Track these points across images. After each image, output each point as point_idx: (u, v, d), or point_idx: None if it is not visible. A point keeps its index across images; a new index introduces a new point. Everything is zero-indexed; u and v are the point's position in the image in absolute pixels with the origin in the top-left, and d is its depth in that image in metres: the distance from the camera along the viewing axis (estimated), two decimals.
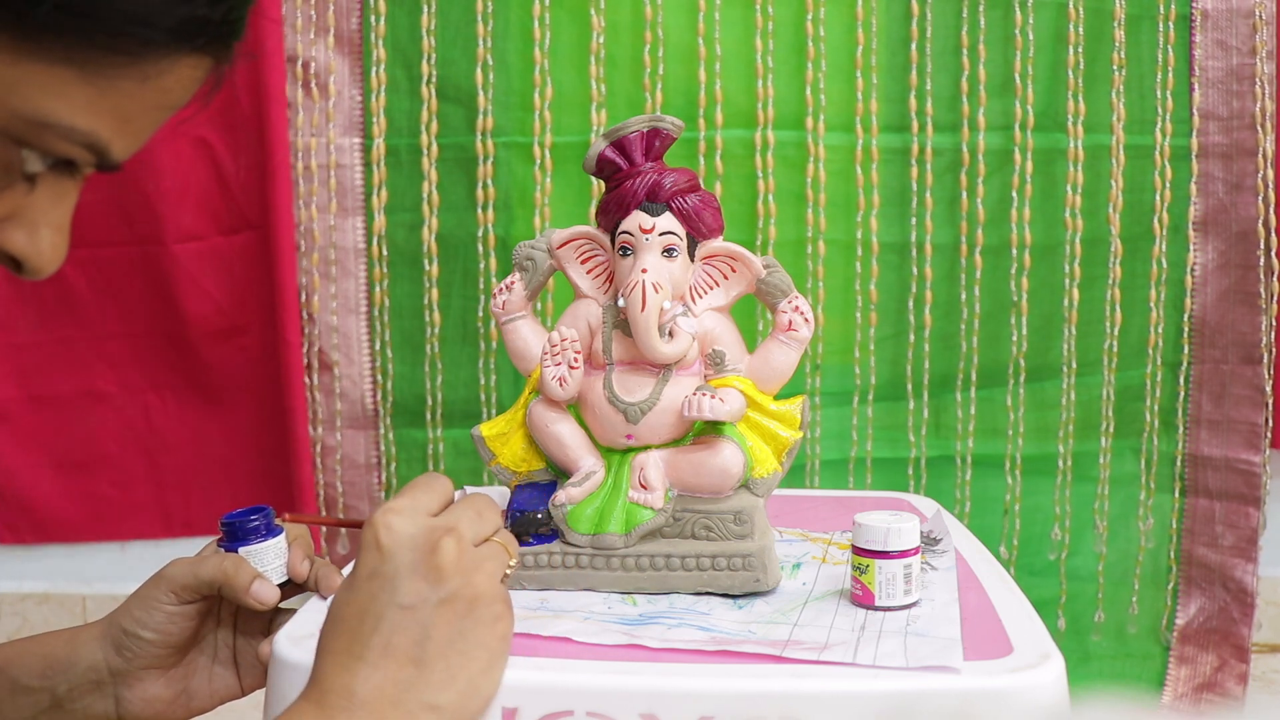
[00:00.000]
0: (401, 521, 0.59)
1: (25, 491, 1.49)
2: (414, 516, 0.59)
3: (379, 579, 0.57)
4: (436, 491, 0.62)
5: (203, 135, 1.39)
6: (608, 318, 0.79)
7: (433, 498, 0.62)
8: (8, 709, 0.73)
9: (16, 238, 0.46)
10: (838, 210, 1.38)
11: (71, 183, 0.47)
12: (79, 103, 0.43)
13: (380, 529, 0.58)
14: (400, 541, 0.58)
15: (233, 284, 1.42)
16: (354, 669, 0.56)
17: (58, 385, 1.46)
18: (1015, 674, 0.62)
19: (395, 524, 0.58)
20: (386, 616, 0.57)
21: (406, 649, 0.56)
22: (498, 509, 0.64)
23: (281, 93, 1.35)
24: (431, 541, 0.58)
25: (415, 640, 0.57)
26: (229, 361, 1.44)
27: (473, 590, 0.58)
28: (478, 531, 0.61)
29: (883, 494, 1.13)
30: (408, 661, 0.56)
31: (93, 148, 0.44)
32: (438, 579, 0.57)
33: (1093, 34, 1.36)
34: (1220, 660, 1.45)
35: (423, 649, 0.57)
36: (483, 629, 0.59)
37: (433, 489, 0.62)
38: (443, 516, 0.60)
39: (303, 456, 1.41)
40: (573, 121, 1.37)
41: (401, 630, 0.57)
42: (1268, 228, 1.37)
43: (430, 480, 0.63)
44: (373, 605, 0.57)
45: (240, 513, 0.76)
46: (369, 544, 0.59)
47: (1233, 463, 1.43)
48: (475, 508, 0.62)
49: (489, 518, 0.63)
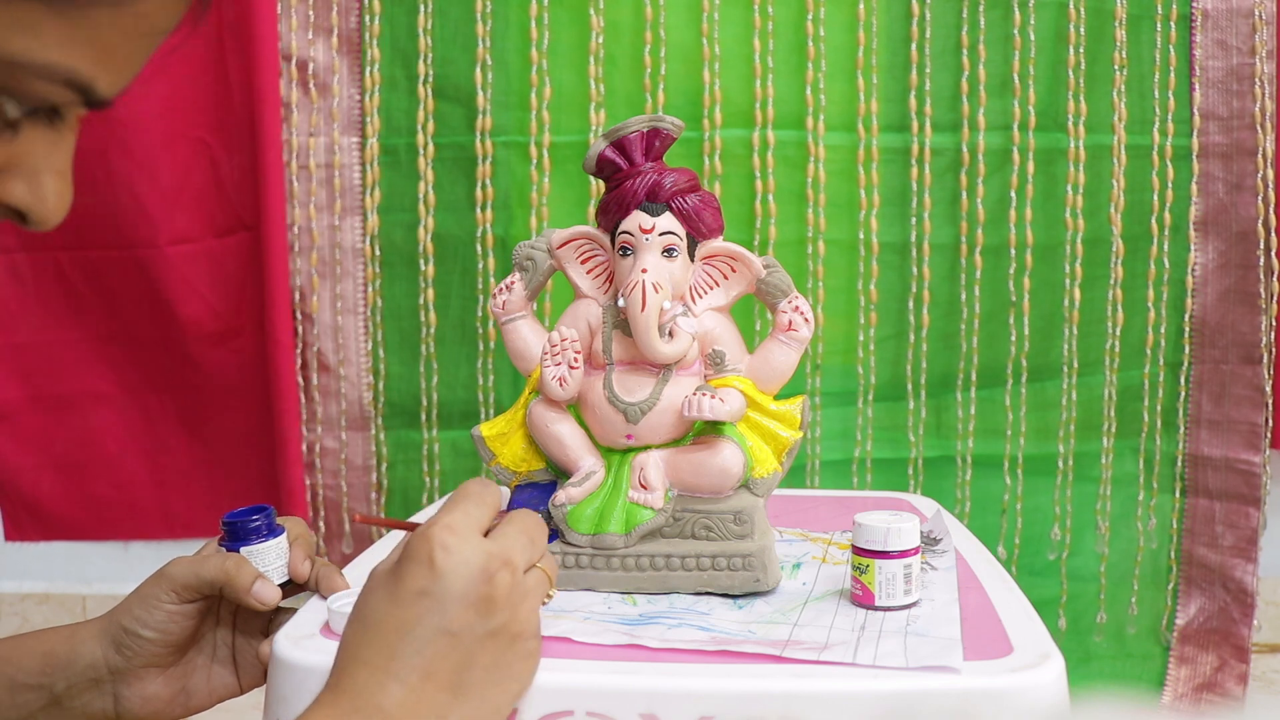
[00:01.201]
0: (458, 544, 0.57)
1: (26, 490, 1.49)
2: (470, 538, 0.58)
3: (428, 600, 0.56)
4: (488, 504, 0.61)
5: (201, 136, 1.39)
6: (608, 318, 0.79)
7: (485, 511, 0.61)
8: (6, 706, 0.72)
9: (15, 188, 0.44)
10: (838, 210, 1.38)
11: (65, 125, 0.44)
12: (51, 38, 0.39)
13: (437, 548, 0.57)
14: (455, 567, 0.57)
15: (227, 285, 1.41)
16: (388, 687, 0.55)
17: (58, 386, 1.46)
18: (1015, 674, 0.62)
19: (452, 545, 0.57)
20: (431, 641, 0.56)
21: (446, 676, 0.56)
22: (545, 530, 0.64)
23: (275, 92, 1.35)
24: (488, 572, 0.57)
25: (455, 668, 0.56)
26: (225, 363, 1.44)
27: (518, 625, 0.58)
28: (529, 557, 0.60)
29: (883, 494, 1.13)
30: (445, 688, 0.56)
31: (74, 85, 0.41)
32: (488, 611, 0.57)
33: (1093, 34, 1.36)
34: (1220, 660, 1.45)
35: (461, 677, 0.56)
36: (519, 662, 0.59)
37: (485, 501, 0.61)
38: (497, 541, 0.59)
39: (293, 458, 1.40)
40: (572, 121, 1.37)
41: (444, 656, 0.56)
42: (1268, 228, 1.37)
43: (482, 491, 0.62)
44: (418, 626, 0.56)
45: (242, 512, 0.76)
46: (421, 559, 0.57)
47: (1233, 463, 1.43)
48: (527, 532, 0.61)
49: (538, 542, 0.62)
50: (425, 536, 0.58)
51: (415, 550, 0.58)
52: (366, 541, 1.44)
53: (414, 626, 0.56)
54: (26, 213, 0.45)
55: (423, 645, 0.56)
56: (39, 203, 0.44)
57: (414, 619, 0.56)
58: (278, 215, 1.36)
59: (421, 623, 0.56)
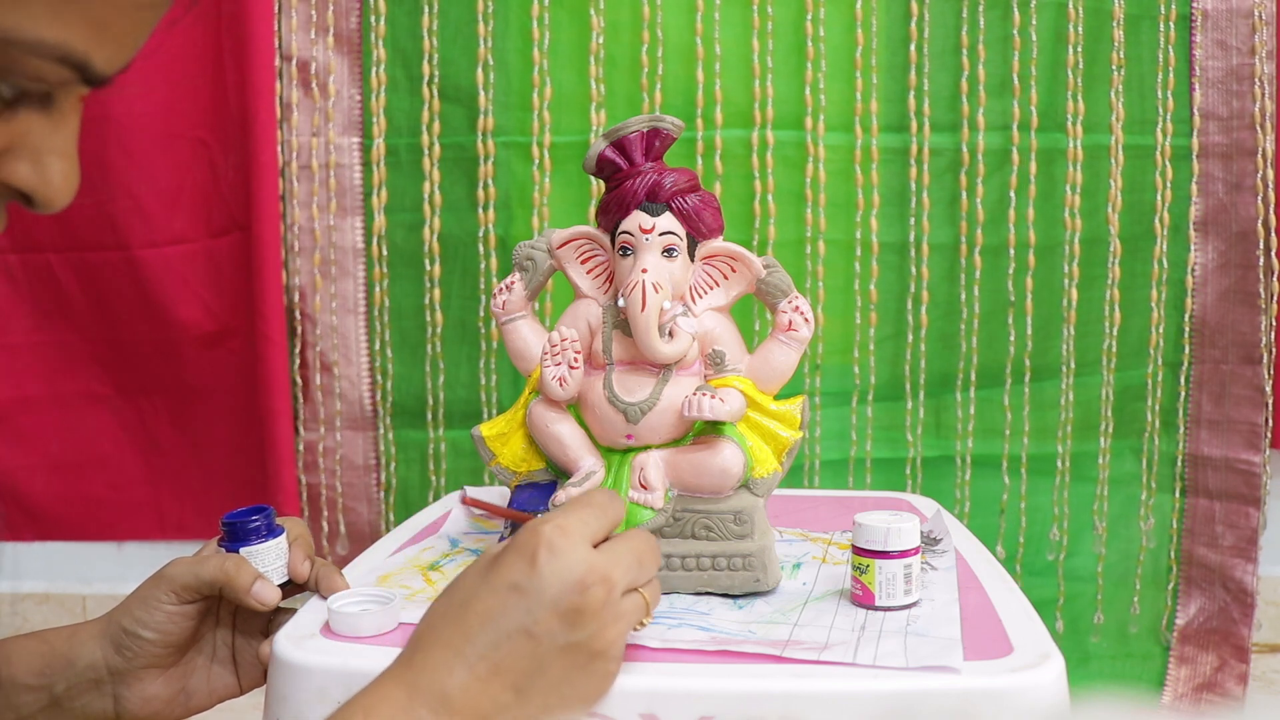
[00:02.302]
0: (566, 547, 0.57)
1: (21, 491, 1.49)
2: (578, 545, 0.57)
3: (519, 595, 0.56)
4: (610, 517, 0.60)
5: (200, 136, 1.39)
6: (608, 318, 0.79)
7: (603, 524, 0.60)
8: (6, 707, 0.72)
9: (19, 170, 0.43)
10: (837, 210, 1.38)
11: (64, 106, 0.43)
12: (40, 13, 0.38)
13: (543, 545, 0.56)
14: (556, 569, 0.56)
15: (223, 286, 1.41)
16: (457, 672, 0.54)
17: (54, 386, 1.46)
18: (1015, 674, 0.62)
19: (559, 547, 0.56)
20: (511, 637, 0.55)
21: (515, 675, 0.55)
22: (659, 553, 0.62)
23: (270, 91, 1.35)
24: (584, 583, 0.56)
25: (527, 671, 0.55)
26: (221, 364, 1.44)
27: (601, 644, 0.57)
28: (633, 579, 0.59)
29: (883, 494, 1.13)
30: (510, 687, 0.55)
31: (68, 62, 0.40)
32: (575, 623, 0.56)
33: (1092, 34, 1.36)
34: (1220, 660, 1.45)
35: (530, 681, 0.55)
36: (590, 682, 0.58)
37: (607, 513, 0.60)
38: (605, 554, 0.58)
39: (285, 458, 1.40)
40: (572, 121, 1.37)
41: (518, 656, 0.55)
42: (1268, 228, 1.37)
43: (607, 502, 0.61)
44: (501, 618, 0.55)
45: (241, 512, 0.76)
46: (524, 553, 0.56)
47: (1233, 463, 1.43)
48: (637, 553, 0.60)
49: (648, 565, 0.61)
50: (535, 531, 0.57)
51: (522, 542, 0.57)
52: (366, 541, 1.44)
53: (498, 618, 0.55)
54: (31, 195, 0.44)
55: (501, 639, 0.55)
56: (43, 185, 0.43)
57: (499, 610, 0.55)
58: (271, 214, 1.36)
59: (506, 616, 0.55)
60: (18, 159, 0.43)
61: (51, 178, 0.43)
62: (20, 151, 0.43)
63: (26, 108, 0.41)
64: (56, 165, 0.43)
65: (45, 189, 0.43)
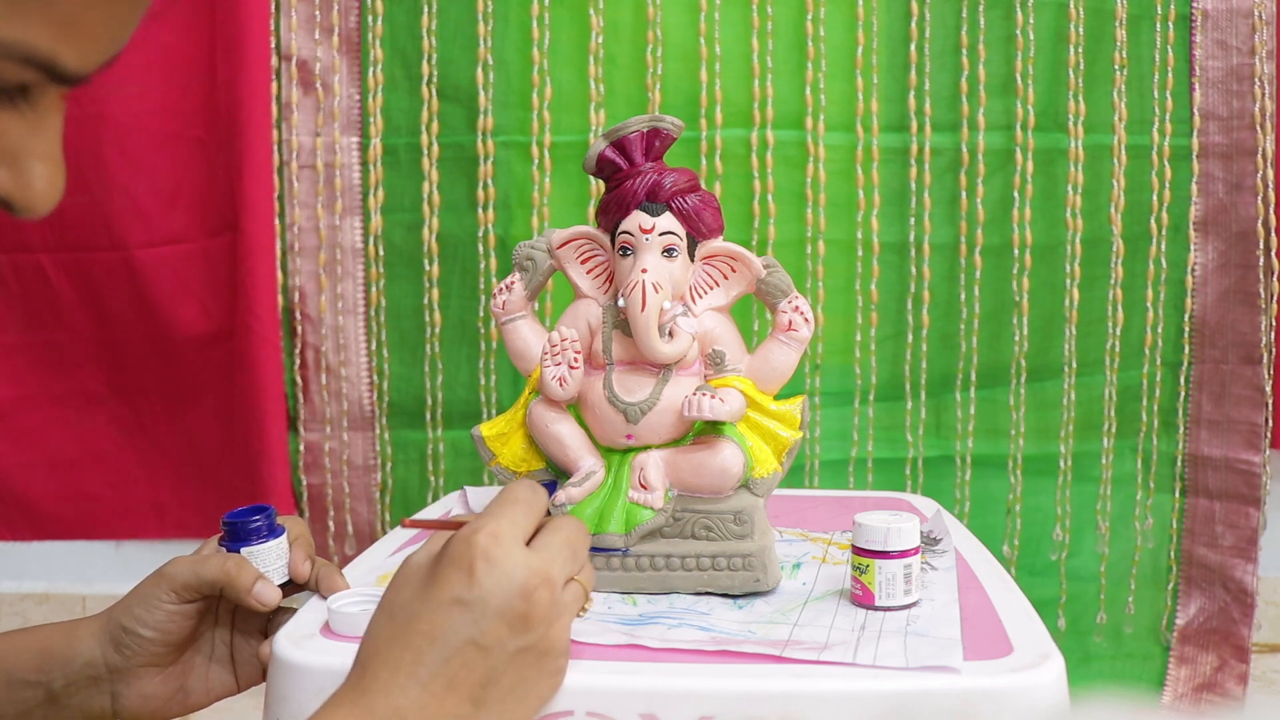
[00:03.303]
0: (502, 556, 0.56)
1: (21, 490, 1.49)
2: (513, 550, 0.57)
3: (463, 609, 0.55)
4: (535, 511, 0.60)
5: (198, 136, 1.39)
6: (608, 318, 0.79)
7: (531, 520, 0.59)
8: (3, 702, 0.72)
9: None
10: (838, 210, 1.38)
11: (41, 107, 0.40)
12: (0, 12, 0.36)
13: (479, 557, 0.56)
14: (497, 579, 0.55)
15: (219, 286, 1.41)
16: (410, 692, 0.54)
17: (50, 386, 1.46)
18: (1015, 674, 0.62)
19: (495, 557, 0.56)
20: (460, 651, 0.55)
21: (470, 688, 0.55)
22: (588, 536, 0.62)
23: (265, 90, 1.35)
24: (527, 589, 0.56)
25: (480, 681, 0.55)
26: (217, 363, 1.44)
27: (549, 643, 0.57)
28: (569, 572, 0.59)
29: (883, 494, 1.13)
30: (467, 699, 0.55)
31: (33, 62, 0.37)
32: (523, 629, 0.56)
33: (1093, 34, 1.36)
34: (1220, 660, 1.45)
35: (485, 692, 0.55)
36: (544, 681, 0.58)
37: (532, 508, 0.60)
38: (540, 555, 0.58)
39: (277, 459, 1.40)
40: (572, 121, 1.37)
41: (470, 668, 0.55)
42: (1268, 228, 1.37)
43: (530, 496, 0.60)
44: (449, 634, 0.55)
45: (242, 512, 0.76)
46: (461, 565, 0.56)
47: (1233, 463, 1.43)
48: (570, 544, 0.60)
49: (581, 552, 0.61)
50: (469, 542, 0.56)
51: (457, 555, 0.56)
52: (367, 541, 1.44)
53: (445, 634, 0.55)
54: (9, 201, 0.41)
55: (451, 654, 0.55)
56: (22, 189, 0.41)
57: (446, 627, 0.55)
58: (265, 214, 1.35)
59: (453, 632, 0.55)
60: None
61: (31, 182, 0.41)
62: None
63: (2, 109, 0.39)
64: (37, 169, 0.41)
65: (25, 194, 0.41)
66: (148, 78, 1.35)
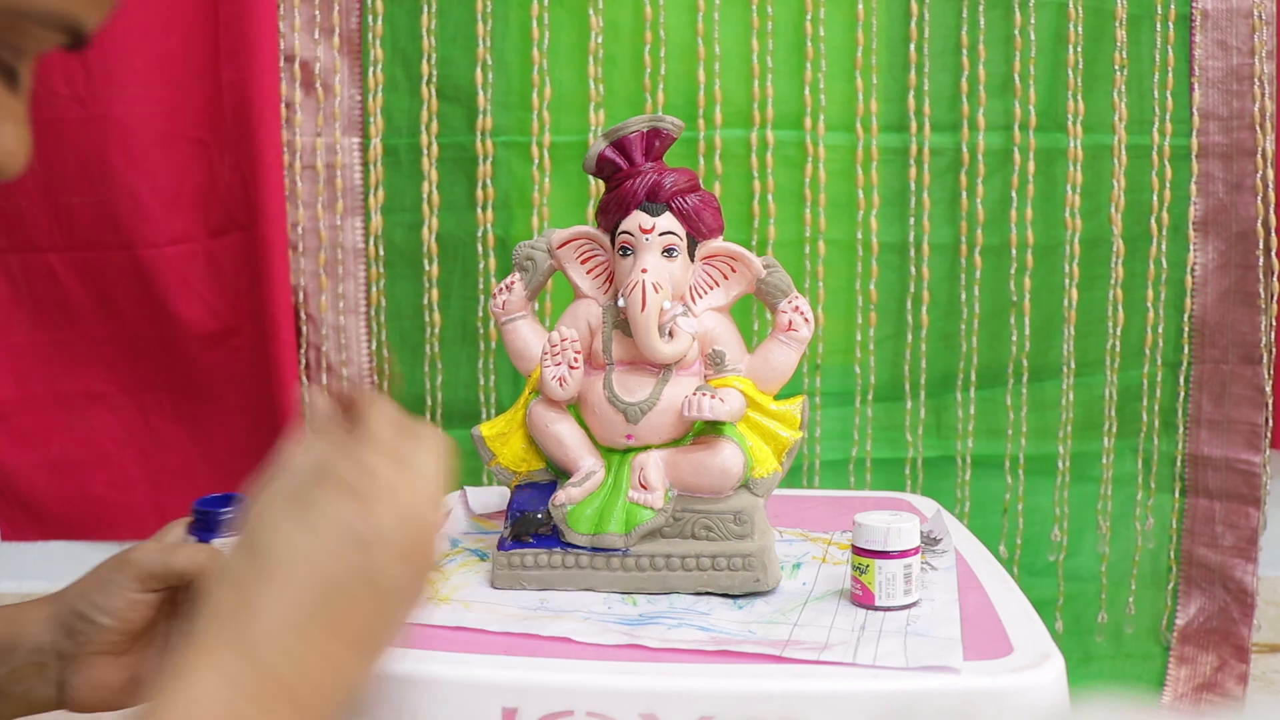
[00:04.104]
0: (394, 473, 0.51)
1: (22, 491, 1.49)
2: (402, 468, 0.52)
3: (362, 552, 0.49)
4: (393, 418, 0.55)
5: (200, 136, 1.39)
6: (608, 318, 0.79)
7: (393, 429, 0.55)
8: None
9: None
10: (838, 210, 1.38)
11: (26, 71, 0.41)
12: None
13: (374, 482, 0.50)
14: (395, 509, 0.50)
15: (224, 285, 1.41)
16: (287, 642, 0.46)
17: (54, 386, 1.46)
18: (1015, 674, 0.62)
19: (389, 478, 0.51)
20: (351, 591, 0.48)
21: (357, 631, 0.48)
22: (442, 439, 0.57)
23: (274, 91, 1.35)
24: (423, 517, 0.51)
25: (370, 627, 0.49)
26: (223, 363, 1.44)
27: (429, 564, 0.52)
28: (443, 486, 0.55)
29: (883, 494, 1.13)
30: (352, 644, 0.48)
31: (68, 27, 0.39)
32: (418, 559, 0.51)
33: (1093, 34, 1.36)
34: (1220, 660, 1.45)
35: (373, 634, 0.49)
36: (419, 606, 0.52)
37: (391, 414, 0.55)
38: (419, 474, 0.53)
39: None
40: (572, 121, 1.37)
41: (361, 609, 0.48)
42: (1268, 228, 1.37)
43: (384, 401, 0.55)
44: (344, 579, 0.48)
45: (215, 500, 0.73)
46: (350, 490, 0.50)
47: (1233, 463, 1.43)
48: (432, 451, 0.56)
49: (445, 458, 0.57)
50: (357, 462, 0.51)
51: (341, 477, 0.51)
52: None
53: (338, 578, 0.48)
54: None
55: (338, 594, 0.48)
56: None
57: (340, 568, 0.48)
58: (277, 214, 1.36)
59: (350, 575, 0.48)
60: None
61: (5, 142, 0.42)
62: None
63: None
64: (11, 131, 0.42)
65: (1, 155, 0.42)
66: (149, 79, 1.36)
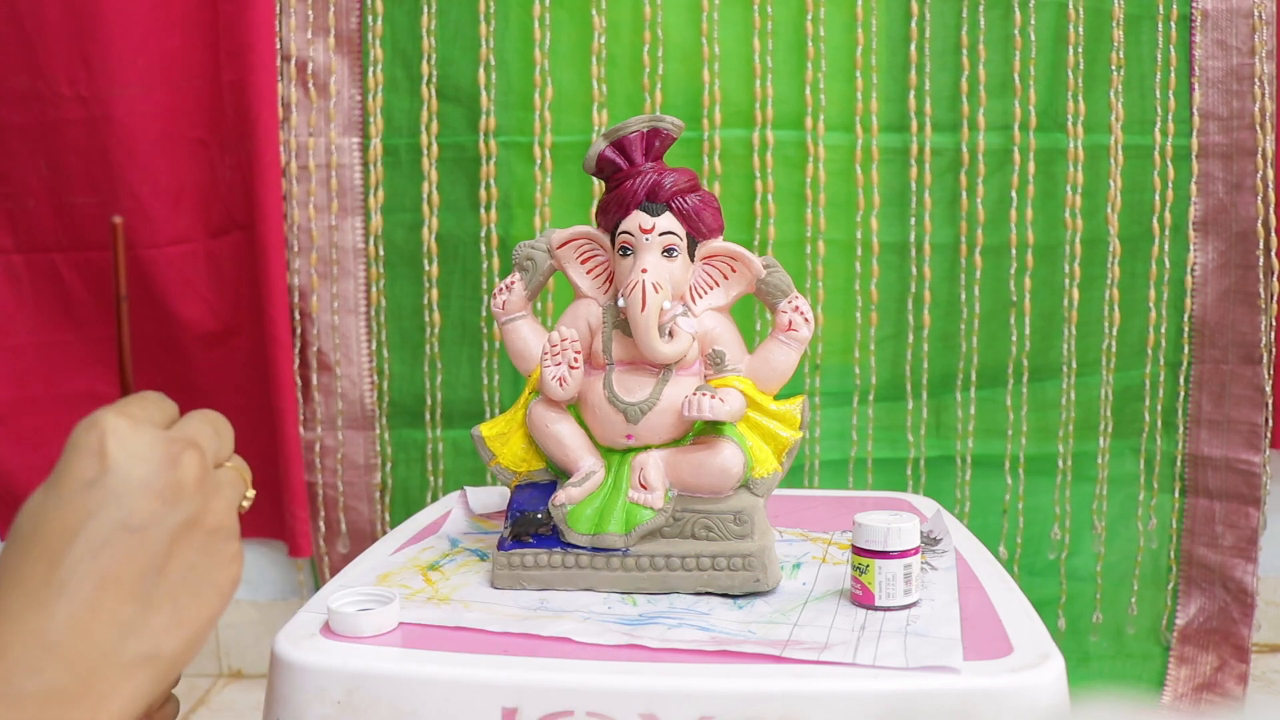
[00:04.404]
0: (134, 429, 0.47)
1: (21, 492, 1.49)
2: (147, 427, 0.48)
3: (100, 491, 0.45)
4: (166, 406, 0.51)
5: (200, 136, 1.39)
6: (608, 318, 0.79)
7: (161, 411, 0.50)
8: None
9: None
10: (838, 210, 1.38)
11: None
12: None
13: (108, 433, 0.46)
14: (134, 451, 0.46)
15: (223, 285, 1.42)
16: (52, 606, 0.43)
17: (55, 387, 1.46)
18: (1015, 674, 0.62)
19: (124, 430, 0.46)
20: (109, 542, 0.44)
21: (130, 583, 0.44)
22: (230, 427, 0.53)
23: (272, 91, 1.35)
24: (171, 455, 0.46)
25: (142, 572, 0.45)
26: (223, 363, 1.44)
27: (214, 519, 0.48)
28: (218, 450, 0.51)
29: (883, 494, 1.13)
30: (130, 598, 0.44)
31: None
32: (176, 499, 0.46)
33: (1093, 34, 1.36)
34: (1220, 660, 1.45)
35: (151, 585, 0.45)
36: (218, 568, 0.48)
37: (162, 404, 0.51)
38: (179, 428, 0.49)
39: (293, 457, 1.40)
40: (573, 121, 1.37)
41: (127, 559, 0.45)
42: (1268, 228, 1.37)
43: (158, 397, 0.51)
44: (89, 524, 0.44)
45: None
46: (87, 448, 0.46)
47: (1233, 463, 1.43)
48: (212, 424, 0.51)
49: (226, 436, 0.52)
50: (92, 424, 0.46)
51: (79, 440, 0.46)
52: (367, 541, 1.44)
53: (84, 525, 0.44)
54: None
55: (97, 548, 0.44)
56: None
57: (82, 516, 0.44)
58: (274, 214, 1.36)
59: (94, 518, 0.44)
60: None
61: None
62: None
63: None
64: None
65: None
66: (150, 80, 1.36)
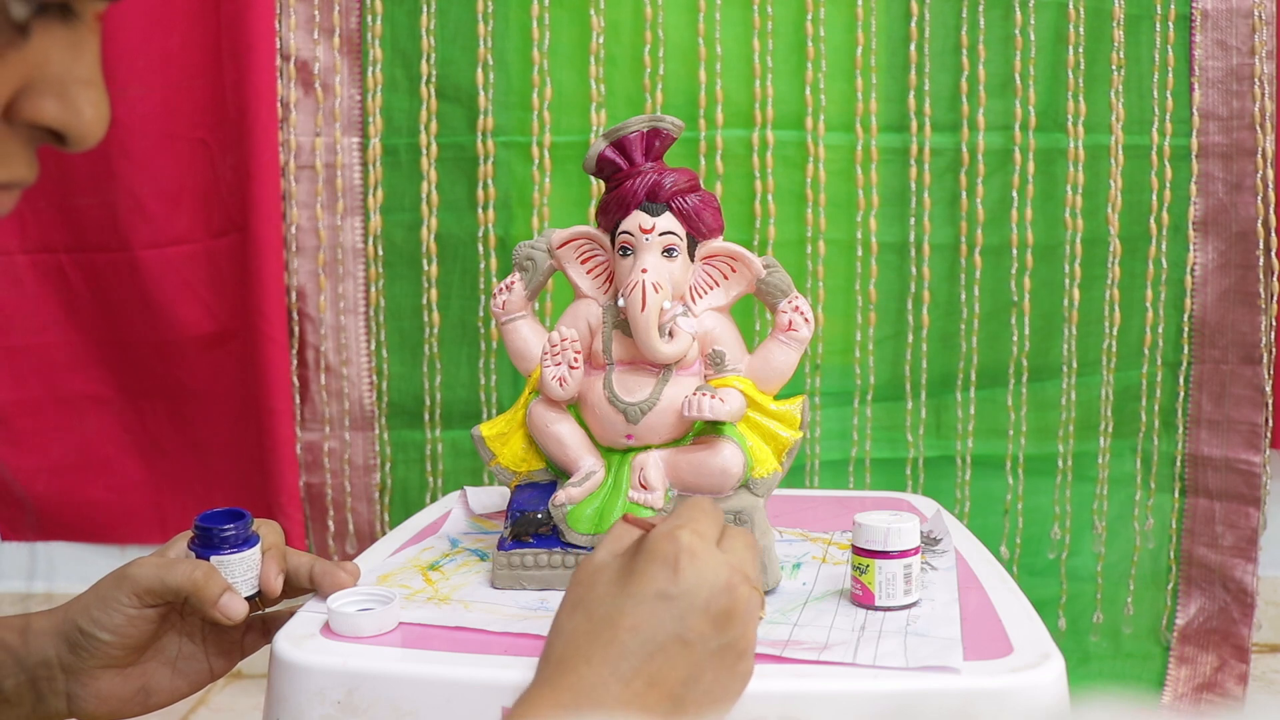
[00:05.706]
0: (705, 552, 0.55)
1: (25, 493, 1.49)
2: (715, 549, 0.56)
3: (669, 604, 0.54)
4: (719, 519, 0.60)
5: (201, 137, 1.39)
6: (608, 318, 0.79)
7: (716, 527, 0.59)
8: None
9: (46, 106, 0.38)
10: (837, 210, 1.38)
11: (82, 25, 0.38)
12: None
13: (684, 552, 0.55)
14: (701, 575, 0.54)
15: (224, 287, 1.41)
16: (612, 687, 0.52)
17: (55, 388, 1.46)
18: (1015, 674, 0.62)
19: (700, 552, 0.55)
20: (664, 647, 0.53)
21: (672, 685, 0.53)
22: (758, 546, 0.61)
23: (271, 91, 1.35)
24: (731, 585, 0.55)
25: (682, 679, 0.53)
26: (222, 365, 1.44)
27: (745, 643, 0.56)
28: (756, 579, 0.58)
29: (883, 494, 1.13)
30: (667, 697, 0.53)
31: None
32: (726, 625, 0.54)
33: (1093, 34, 1.36)
34: (1220, 660, 1.45)
35: (686, 689, 0.53)
36: (736, 682, 0.56)
37: (717, 516, 0.59)
38: (736, 555, 0.57)
39: (286, 460, 1.40)
40: (572, 121, 1.37)
41: (674, 665, 0.53)
42: (1268, 228, 1.37)
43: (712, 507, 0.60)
44: (653, 629, 0.53)
45: (217, 515, 0.73)
46: (665, 560, 0.55)
47: (1233, 463, 1.43)
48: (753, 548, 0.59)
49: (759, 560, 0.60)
50: (673, 538, 0.55)
51: (659, 551, 0.55)
52: (367, 541, 1.44)
53: (650, 629, 0.53)
54: (63, 131, 0.39)
55: (655, 650, 0.53)
56: (74, 117, 0.39)
57: (650, 621, 0.53)
58: (271, 214, 1.36)
59: (658, 626, 0.53)
60: (41, 95, 0.38)
61: (82, 109, 0.39)
62: (43, 84, 0.38)
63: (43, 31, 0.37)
64: (85, 95, 0.39)
65: (76, 121, 0.39)
66: (150, 80, 1.35)
